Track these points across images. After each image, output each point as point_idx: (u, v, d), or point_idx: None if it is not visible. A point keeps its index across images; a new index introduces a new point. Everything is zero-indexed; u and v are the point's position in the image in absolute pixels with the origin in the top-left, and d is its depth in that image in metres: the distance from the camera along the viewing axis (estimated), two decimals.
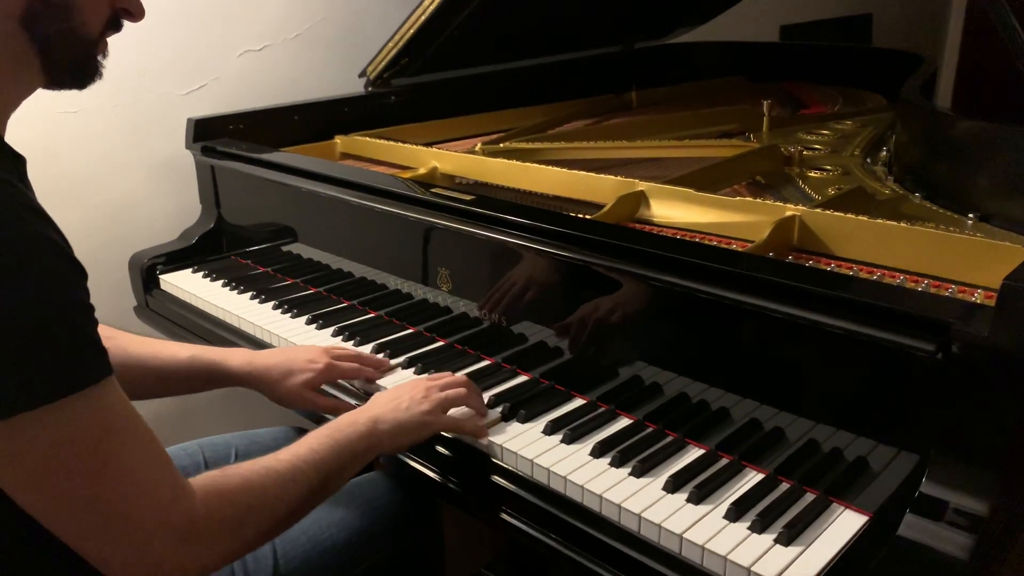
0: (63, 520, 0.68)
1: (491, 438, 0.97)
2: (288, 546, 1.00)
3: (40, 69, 0.75)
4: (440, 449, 1.02)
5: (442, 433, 1.00)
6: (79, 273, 0.69)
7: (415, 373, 1.13)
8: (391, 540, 1.07)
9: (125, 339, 1.10)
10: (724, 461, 0.90)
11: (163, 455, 0.72)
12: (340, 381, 1.14)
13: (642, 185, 1.24)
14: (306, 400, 1.08)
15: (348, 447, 0.88)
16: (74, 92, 0.81)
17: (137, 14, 0.80)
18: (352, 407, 1.00)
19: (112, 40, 0.81)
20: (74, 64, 0.76)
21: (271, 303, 1.39)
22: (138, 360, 1.08)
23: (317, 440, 0.87)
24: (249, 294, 1.44)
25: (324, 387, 1.11)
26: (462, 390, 1.00)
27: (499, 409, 1.02)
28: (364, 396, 1.09)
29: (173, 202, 1.84)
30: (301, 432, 1.34)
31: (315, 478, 0.83)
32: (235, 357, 1.11)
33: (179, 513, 0.71)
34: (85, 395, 0.66)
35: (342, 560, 1.02)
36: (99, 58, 0.79)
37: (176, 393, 1.14)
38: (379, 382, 1.12)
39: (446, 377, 1.03)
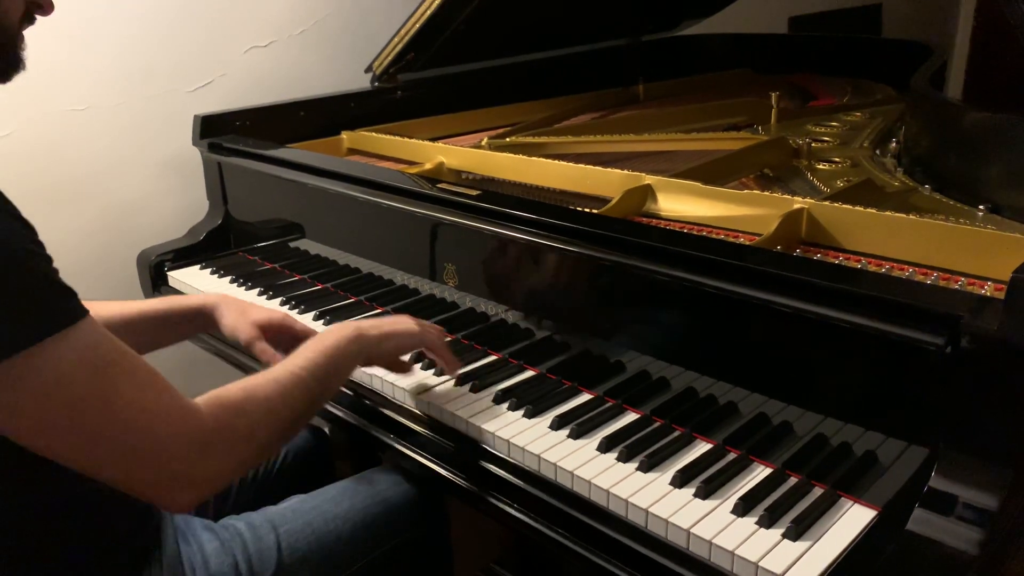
0: (78, 457, 0.71)
1: (498, 433, 0.97)
2: (293, 538, 1.00)
3: None
4: (446, 443, 1.02)
5: (425, 352, 1.08)
6: (29, 227, 0.70)
7: (422, 368, 1.13)
8: (396, 532, 1.08)
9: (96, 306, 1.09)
10: (732, 456, 0.90)
11: (161, 380, 0.74)
12: None
13: (649, 179, 1.23)
14: (252, 336, 1.09)
15: (338, 351, 0.92)
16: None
17: (46, 6, 0.81)
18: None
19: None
20: (2, 54, 0.78)
21: (279, 299, 1.40)
22: (107, 320, 1.06)
23: (309, 351, 0.90)
24: (257, 290, 1.44)
25: None
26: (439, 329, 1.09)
27: (506, 404, 1.02)
28: None
29: (180, 199, 1.85)
30: (308, 428, 1.35)
31: (313, 383, 0.87)
32: (196, 296, 1.18)
33: (189, 427, 0.74)
34: (65, 336, 0.68)
35: (347, 552, 1.03)
36: (20, 50, 0.80)
37: (147, 346, 1.10)
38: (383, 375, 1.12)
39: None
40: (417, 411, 1.07)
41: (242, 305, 1.14)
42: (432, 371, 1.12)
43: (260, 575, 0.96)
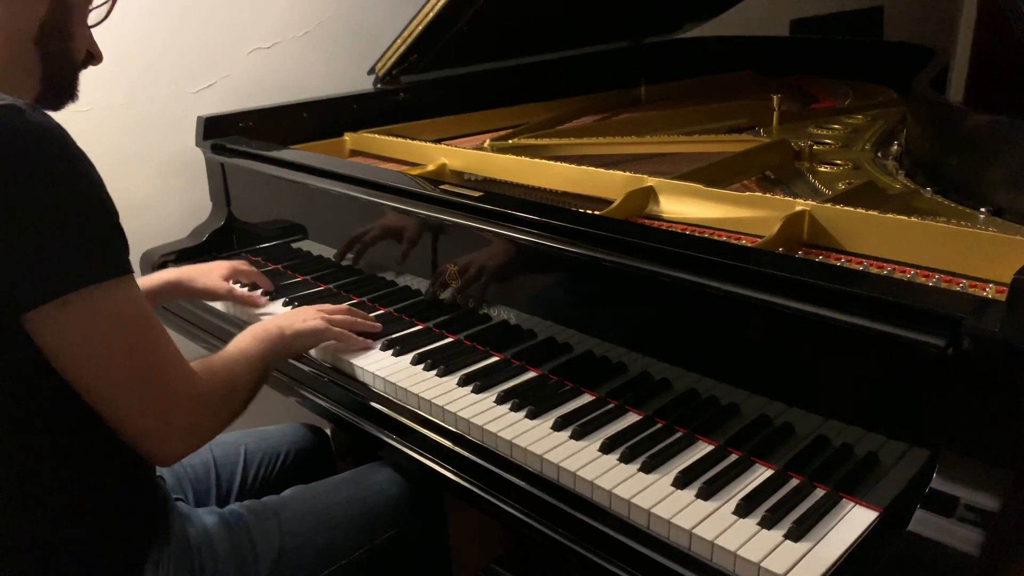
0: (109, 391, 0.80)
1: (501, 434, 0.97)
2: (294, 523, 1.03)
3: (39, 81, 0.89)
4: (448, 444, 1.02)
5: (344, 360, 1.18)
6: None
7: (424, 370, 1.13)
8: (396, 523, 1.10)
9: None
10: (734, 457, 0.90)
11: (174, 344, 0.86)
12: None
13: (651, 181, 1.24)
14: (226, 288, 1.35)
15: (269, 346, 1.06)
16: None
17: (97, 58, 0.96)
18: (256, 300, 1.37)
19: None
20: (62, 82, 0.91)
21: (281, 299, 1.40)
22: None
23: (246, 341, 1.04)
24: (259, 291, 1.44)
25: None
26: (346, 308, 1.23)
27: (508, 405, 1.03)
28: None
29: (183, 200, 1.85)
30: (309, 428, 1.36)
31: (258, 364, 1.01)
32: (161, 272, 1.38)
33: (192, 385, 0.86)
34: (125, 282, 0.79)
35: (346, 539, 1.05)
36: (77, 86, 0.94)
37: None
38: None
39: (330, 307, 1.23)
40: (419, 411, 1.07)
41: (204, 267, 1.37)
42: (435, 371, 1.12)
43: (263, 556, 0.99)
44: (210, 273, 1.35)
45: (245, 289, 1.40)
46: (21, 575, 0.83)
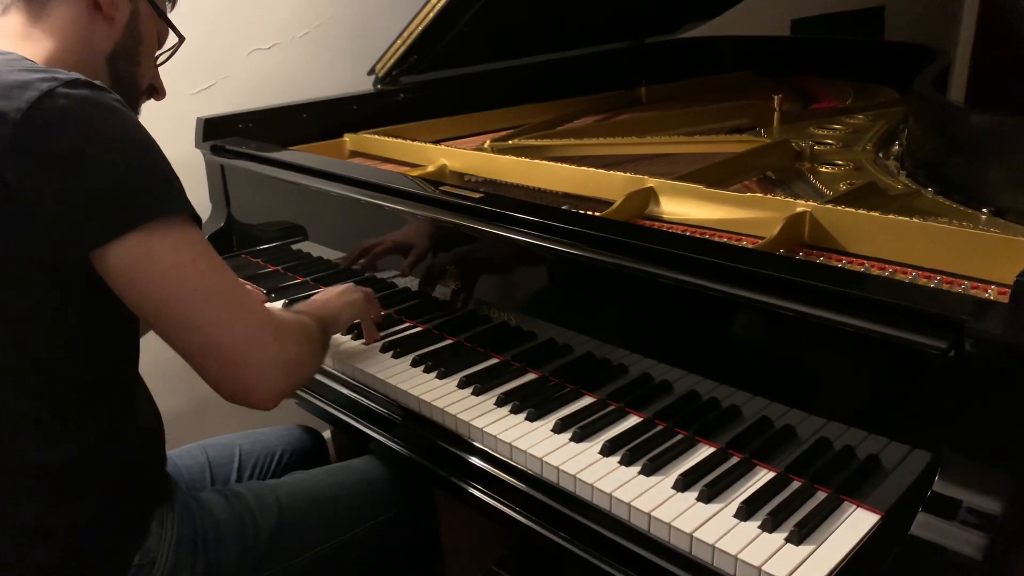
0: (189, 317, 0.83)
1: (501, 436, 0.97)
2: (292, 499, 1.06)
3: None
4: (448, 446, 1.02)
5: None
6: None
7: (424, 372, 1.13)
8: (388, 508, 1.12)
9: None
10: (734, 459, 0.90)
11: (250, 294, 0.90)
12: None
13: (651, 181, 1.23)
14: None
15: (326, 309, 1.10)
16: None
17: (160, 93, 1.10)
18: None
19: None
20: (127, 101, 0.94)
21: (281, 301, 1.40)
22: None
23: (314, 304, 1.10)
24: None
25: None
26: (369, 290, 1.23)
27: (508, 407, 1.02)
28: None
29: None
30: (305, 430, 1.36)
31: (321, 323, 1.03)
32: None
33: (274, 316, 0.90)
34: (196, 227, 0.86)
35: (341, 518, 1.08)
36: (139, 108, 1.05)
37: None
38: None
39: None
40: (420, 412, 1.07)
41: None
42: (434, 373, 1.12)
43: (262, 525, 1.01)
44: None
45: None
46: (32, 519, 0.85)
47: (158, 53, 1.07)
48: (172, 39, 1.08)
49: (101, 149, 0.79)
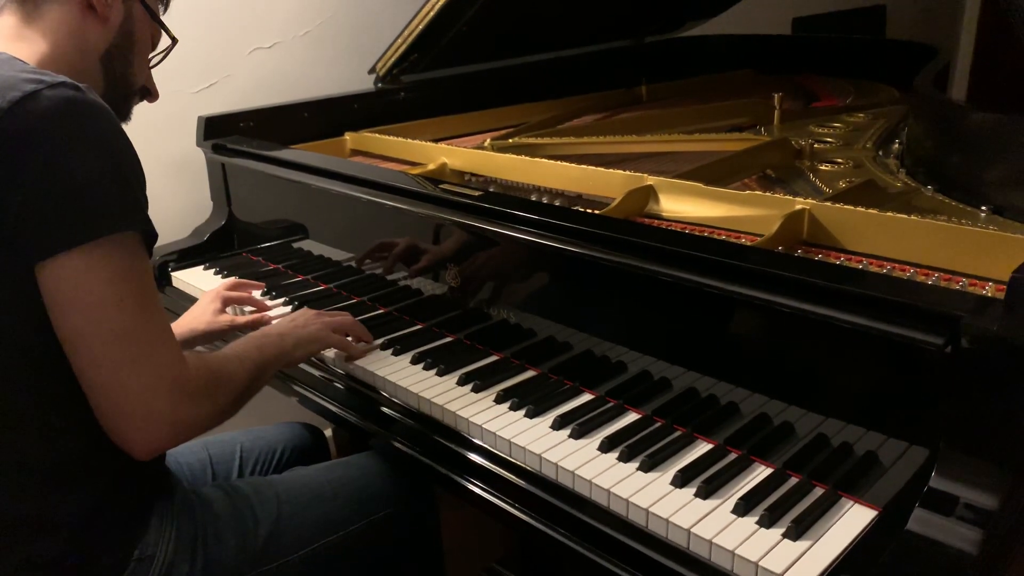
0: (92, 347, 0.81)
1: (500, 432, 0.97)
2: (291, 494, 1.06)
3: (99, 96, 0.90)
4: (447, 443, 1.02)
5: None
6: None
7: (423, 369, 1.13)
8: (388, 504, 1.12)
9: None
10: (733, 456, 0.90)
11: (169, 327, 0.88)
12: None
13: (651, 179, 1.24)
14: (221, 323, 1.29)
15: (268, 351, 1.06)
16: None
17: (153, 95, 1.09)
18: (261, 319, 1.30)
19: None
20: (118, 102, 0.99)
21: (282, 299, 1.40)
22: None
23: (243, 344, 1.05)
24: (260, 291, 1.44)
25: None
26: (347, 316, 1.21)
27: (507, 404, 1.03)
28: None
29: (184, 200, 1.85)
30: (306, 427, 1.36)
31: (252, 369, 1.00)
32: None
33: (181, 373, 0.86)
34: (144, 251, 0.84)
35: (340, 514, 1.08)
36: (131, 108, 1.06)
37: None
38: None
39: (330, 313, 1.21)
40: (419, 410, 1.08)
41: (197, 312, 1.31)
42: (434, 371, 1.12)
43: (262, 520, 1.01)
44: (203, 315, 1.30)
45: (248, 309, 1.36)
46: (31, 513, 0.85)
47: (151, 55, 1.07)
48: (165, 41, 1.08)
49: (73, 157, 0.78)
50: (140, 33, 1.01)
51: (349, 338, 1.19)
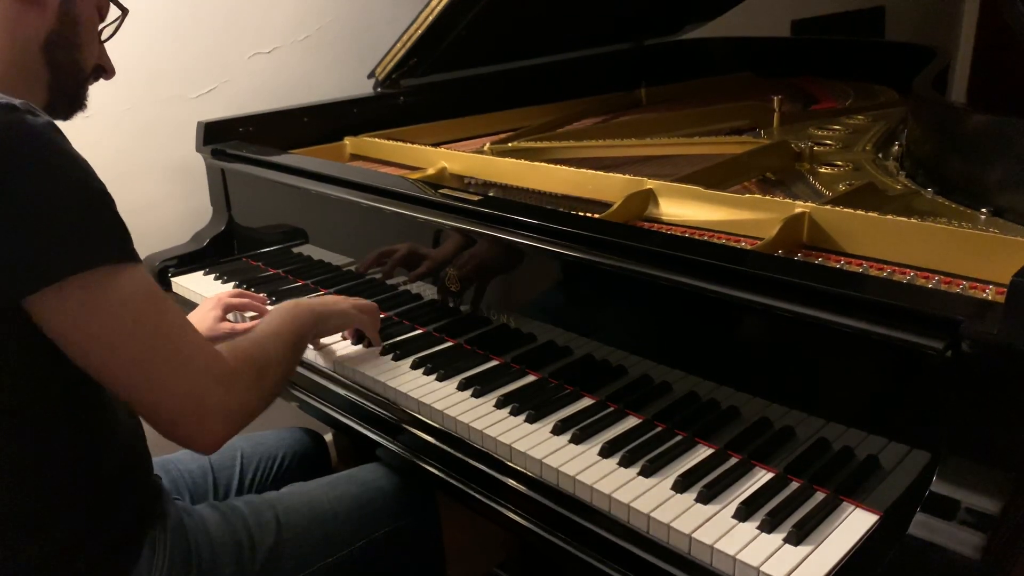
0: (126, 376, 0.79)
1: (500, 438, 0.97)
2: (291, 515, 1.04)
3: (46, 89, 0.91)
4: (448, 449, 1.02)
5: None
6: None
7: (424, 374, 1.13)
8: (392, 517, 1.11)
9: None
10: (733, 460, 0.90)
11: (194, 326, 0.86)
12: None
13: (651, 183, 1.24)
14: (222, 330, 1.27)
15: (300, 323, 1.06)
16: None
17: (109, 72, 1.00)
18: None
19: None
20: (69, 91, 0.94)
21: None
22: None
23: (276, 320, 1.03)
24: (260, 295, 1.44)
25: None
26: (373, 305, 1.22)
27: (507, 409, 1.02)
28: None
29: (184, 205, 1.86)
30: (307, 432, 1.36)
31: (290, 342, 1.01)
32: None
33: (218, 364, 0.85)
34: (135, 268, 0.80)
35: (341, 533, 1.06)
36: (85, 95, 0.97)
37: None
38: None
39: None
40: (419, 415, 1.07)
41: (197, 319, 1.28)
42: (434, 376, 1.12)
43: (259, 545, 0.99)
44: (203, 321, 1.29)
45: (250, 315, 1.36)
46: (14, 548, 0.82)
47: (101, 27, 0.97)
48: (115, 12, 1.00)
49: (26, 192, 0.72)
50: (83, 10, 0.92)
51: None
